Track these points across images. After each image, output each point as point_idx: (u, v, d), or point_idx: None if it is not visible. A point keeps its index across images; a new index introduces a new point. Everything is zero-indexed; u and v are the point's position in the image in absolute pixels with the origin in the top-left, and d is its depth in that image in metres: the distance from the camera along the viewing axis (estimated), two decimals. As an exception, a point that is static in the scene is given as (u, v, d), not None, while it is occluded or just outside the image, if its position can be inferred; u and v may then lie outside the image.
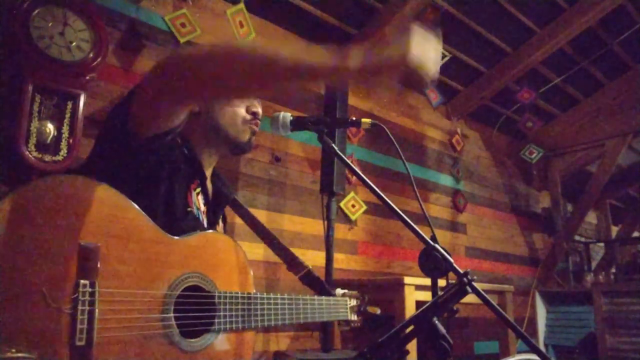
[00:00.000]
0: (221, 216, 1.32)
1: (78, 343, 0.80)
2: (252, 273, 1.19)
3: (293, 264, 1.46)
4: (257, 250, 2.65)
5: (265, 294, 1.17)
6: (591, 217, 5.86)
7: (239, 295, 1.09)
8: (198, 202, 1.18)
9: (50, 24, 1.87)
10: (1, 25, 1.83)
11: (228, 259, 1.12)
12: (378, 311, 1.55)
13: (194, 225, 1.08)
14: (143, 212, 0.95)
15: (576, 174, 4.97)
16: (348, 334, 3.00)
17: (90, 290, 0.83)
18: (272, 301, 1.18)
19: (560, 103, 4.59)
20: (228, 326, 1.06)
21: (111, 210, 0.90)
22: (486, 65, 3.91)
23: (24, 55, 1.81)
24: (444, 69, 3.44)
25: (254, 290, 1.17)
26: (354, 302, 1.50)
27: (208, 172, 1.26)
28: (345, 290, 1.50)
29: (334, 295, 1.45)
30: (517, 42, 3.73)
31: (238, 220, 2.54)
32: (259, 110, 1.29)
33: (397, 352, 0.90)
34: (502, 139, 4.74)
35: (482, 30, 3.52)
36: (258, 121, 1.28)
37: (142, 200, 0.95)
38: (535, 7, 3.43)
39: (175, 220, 1.02)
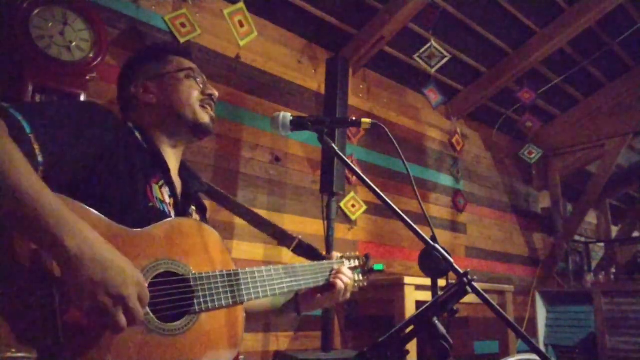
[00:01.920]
0: (195, 207, 1.30)
1: (44, 342, 0.80)
2: (229, 250, 1.17)
3: (283, 237, 1.45)
4: (257, 251, 2.65)
5: (249, 268, 1.15)
6: (591, 217, 5.86)
7: (218, 273, 1.08)
8: (161, 195, 1.15)
9: (50, 24, 1.87)
10: (1, 25, 1.83)
11: (199, 241, 1.10)
12: (383, 267, 1.53)
13: (159, 218, 1.06)
14: (95, 211, 0.93)
15: (576, 174, 4.97)
16: (348, 334, 3.00)
17: (49, 294, 0.82)
18: (256, 274, 1.16)
19: (560, 103, 4.60)
20: (210, 305, 1.04)
21: None
22: (486, 65, 3.91)
23: (24, 55, 1.81)
24: (444, 69, 3.44)
25: (234, 267, 1.15)
26: (355, 263, 1.47)
27: (172, 164, 1.25)
28: (345, 253, 1.48)
29: (331, 258, 1.43)
30: (517, 42, 3.73)
31: (238, 221, 2.55)
32: (214, 92, 1.30)
33: (397, 352, 0.90)
34: (502, 139, 4.74)
35: (482, 30, 3.52)
36: (212, 102, 1.29)
37: (99, 202, 0.94)
38: (535, 7, 3.43)
39: (137, 217, 1.00)
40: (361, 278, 1.48)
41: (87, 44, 1.97)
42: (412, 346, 2.30)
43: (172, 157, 1.26)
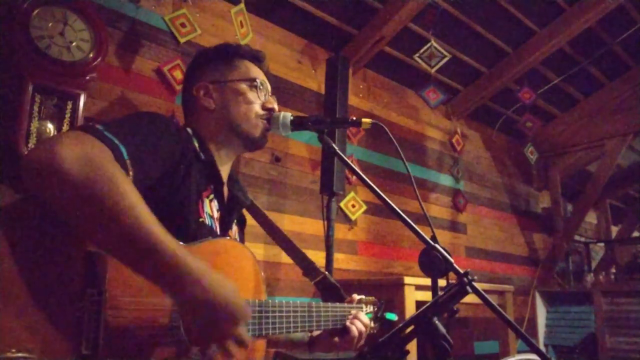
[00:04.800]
0: (236, 220, 1.30)
1: (84, 352, 0.78)
2: (263, 280, 1.17)
3: (309, 269, 1.43)
4: (258, 250, 2.65)
5: (277, 301, 1.14)
6: (591, 217, 5.86)
7: (250, 302, 1.06)
8: (210, 209, 1.15)
9: (50, 24, 1.86)
10: (1, 25, 1.83)
11: (239, 265, 1.09)
12: (396, 317, 1.50)
13: (207, 234, 1.07)
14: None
15: (576, 174, 4.98)
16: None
17: (97, 298, 0.81)
18: (284, 309, 1.14)
19: (560, 103, 4.60)
20: None
21: None
22: (486, 65, 3.91)
23: (24, 55, 1.81)
24: (444, 69, 3.44)
25: (266, 297, 1.14)
26: (370, 309, 1.45)
27: (225, 175, 1.25)
28: (362, 296, 1.45)
29: (350, 301, 1.41)
30: (517, 42, 3.73)
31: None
32: (275, 106, 1.28)
33: (397, 352, 0.90)
34: (502, 139, 4.74)
35: (482, 30, 3.52)
36: (269, 117, 1.26)
37: (156, 214, 0.94)
38: (535, 7, 3.43)
39: (186, 231, 1.01)
40: (372, 325, 1.44)
41: (87, 44, 1.96)
42: (412, 346, 2.30)
43: (225, 168, 1.25)
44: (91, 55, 1.96)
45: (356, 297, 1.42)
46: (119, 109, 2.27)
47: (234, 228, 1.29)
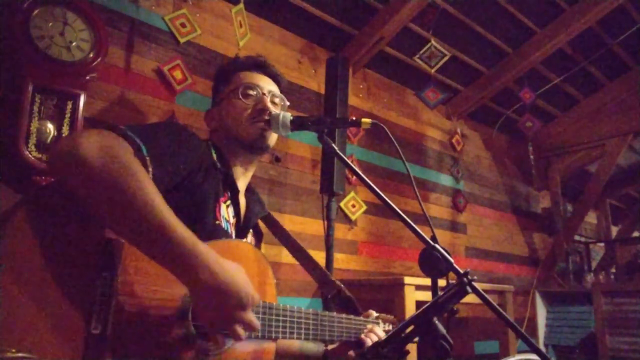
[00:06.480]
0: (251, 231, 1.33)
1: (93, 331, 0.82)
2: (274, 285, 1.17)
3: (324, 283, 1.44)
4: (257, 250, 2.65)
5: (288, 306, 1.13)
6: (591, 217, 5.86)
7: (260, 304, 1.07)
8: (227, 214, 1.19)
9: (50, 24, 1.87)
10: (1, 25, 1.83)
11: (251, 267, 1.11)
12: (416, 339, 1.48)
13: (221, 237, 1.11)
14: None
15: (576, 174, 4.97)
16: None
17: (109, 282, 0.85)
18: (295, 315, 1.14)
19: (560, 103, 4.60)
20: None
21: None
22: (486, 65, 3.91)
23: (24, 55, 1.81)
24: (444, 69, 3.44)
25: (277, 301, 1.15)
26: (388, 327, 1.41)
27: (242, 185, 1.29)
28: (380, 314, 1.43)
29: (367, 316, 1.40)
30: (517, 42, 3.73)
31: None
32: (265, 105, 1.30)
33: (397, 352, 0.90)
34: (502, 139, 4.74)
35: (482, 30, 3.52)
36: (264, 117, 1.27)
37: (176, 213, 0.98)
38: (535, 7, 3.43)
39: (204, 233, 1.03)
40: None
41: (87, 44, 1.96)
42: (412, 346, 2.30)
43: (242, 178, 1.31)
44: (91, 55, 1.96)
45: (373, 313, 1.42)
46: (119, 109, 2.27)
47: (250, 238, 1.32)
